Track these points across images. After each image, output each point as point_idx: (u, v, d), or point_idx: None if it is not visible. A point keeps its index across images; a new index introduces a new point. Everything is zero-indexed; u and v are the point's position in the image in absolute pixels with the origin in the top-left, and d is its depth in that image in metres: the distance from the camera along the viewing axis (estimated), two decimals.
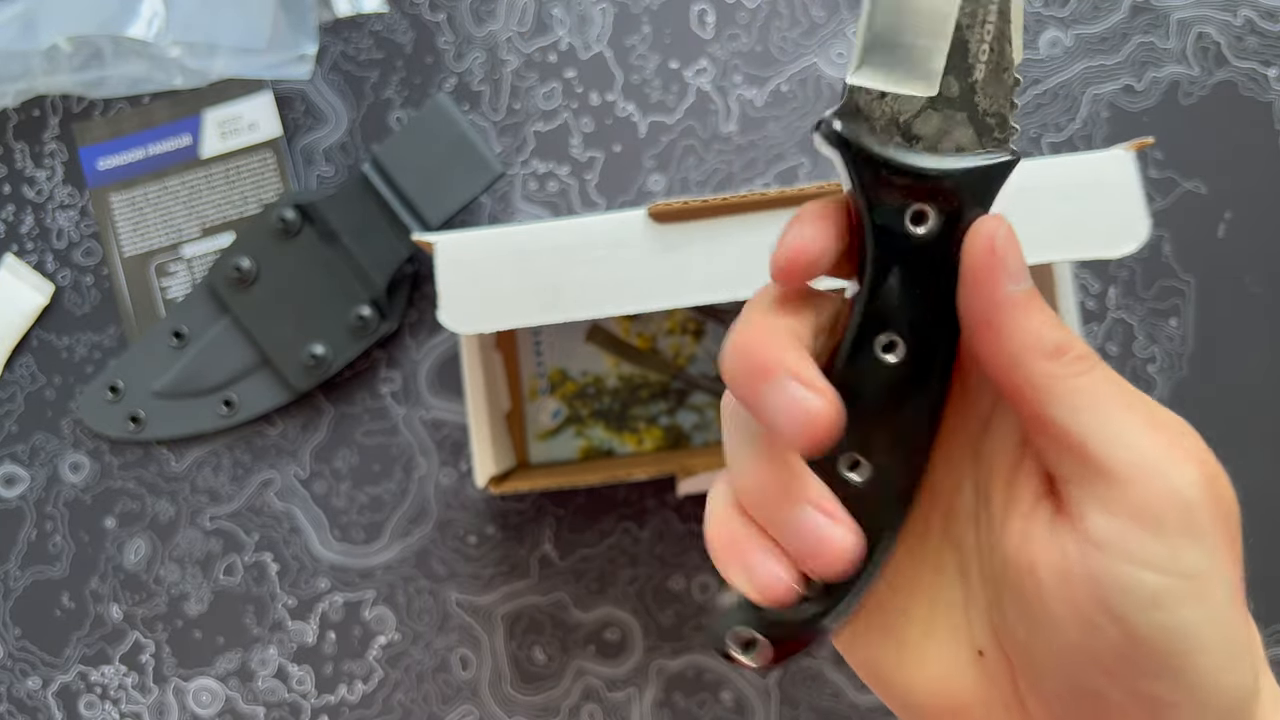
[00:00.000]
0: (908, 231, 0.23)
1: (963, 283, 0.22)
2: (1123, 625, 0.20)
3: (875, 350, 0.23)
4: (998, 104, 0.23)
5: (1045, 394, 0.22)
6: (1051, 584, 0.21)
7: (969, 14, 0.23)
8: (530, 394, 0.56)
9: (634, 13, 0.56)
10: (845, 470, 0.23)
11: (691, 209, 0.41)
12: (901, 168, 0.22)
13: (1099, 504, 0.21)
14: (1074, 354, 0.22)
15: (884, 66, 0.23)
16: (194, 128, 0.56)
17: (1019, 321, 0.22)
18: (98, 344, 0.57)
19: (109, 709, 0.55)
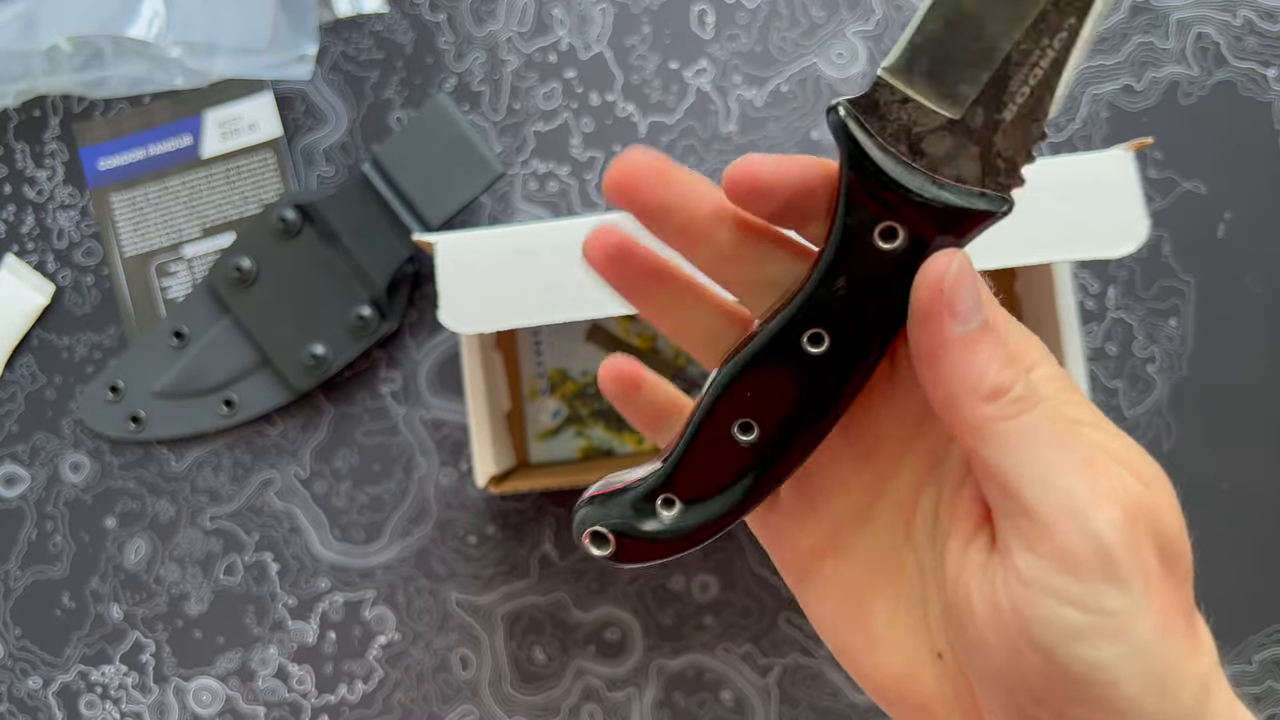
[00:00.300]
0: (873, 242, 0.22)
1: (911, 314, 0.23)
2: (1046, 656, 0.21)
3: (801, 338, 0.23)
4: (1014, 150, 0.22)
5: (978, 434, 0.22)
6: (983, 612, 0.22)
7: (1023, 52, 0.22)
8: (530, 394, 0.56)
9: (634, 13, 0.56)
10: (736, 430, 0.24)
11: None
12: (894, 184, 0.22)
13: (1024, 542, 0.22)
14: (1012, 396, 0.22)
15: (919, 73, 0.22)
16: (194, 128, 0.56)
17: (958, 362, 0.22)
18: (98, 344, 0.57)
19: (109, 709, 0.55)
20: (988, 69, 0.22)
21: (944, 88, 0.22)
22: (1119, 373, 0.54)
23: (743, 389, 0.24)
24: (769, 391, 0.24)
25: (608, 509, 0.25)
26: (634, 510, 0.25)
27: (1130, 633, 0.21)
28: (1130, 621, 0.21)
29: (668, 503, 0.25)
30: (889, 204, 0.22)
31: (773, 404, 0.24)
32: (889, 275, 0.23)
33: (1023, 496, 0.22)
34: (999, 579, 0.22)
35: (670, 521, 0.25)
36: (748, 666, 0.54)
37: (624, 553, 0.25)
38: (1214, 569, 0.53)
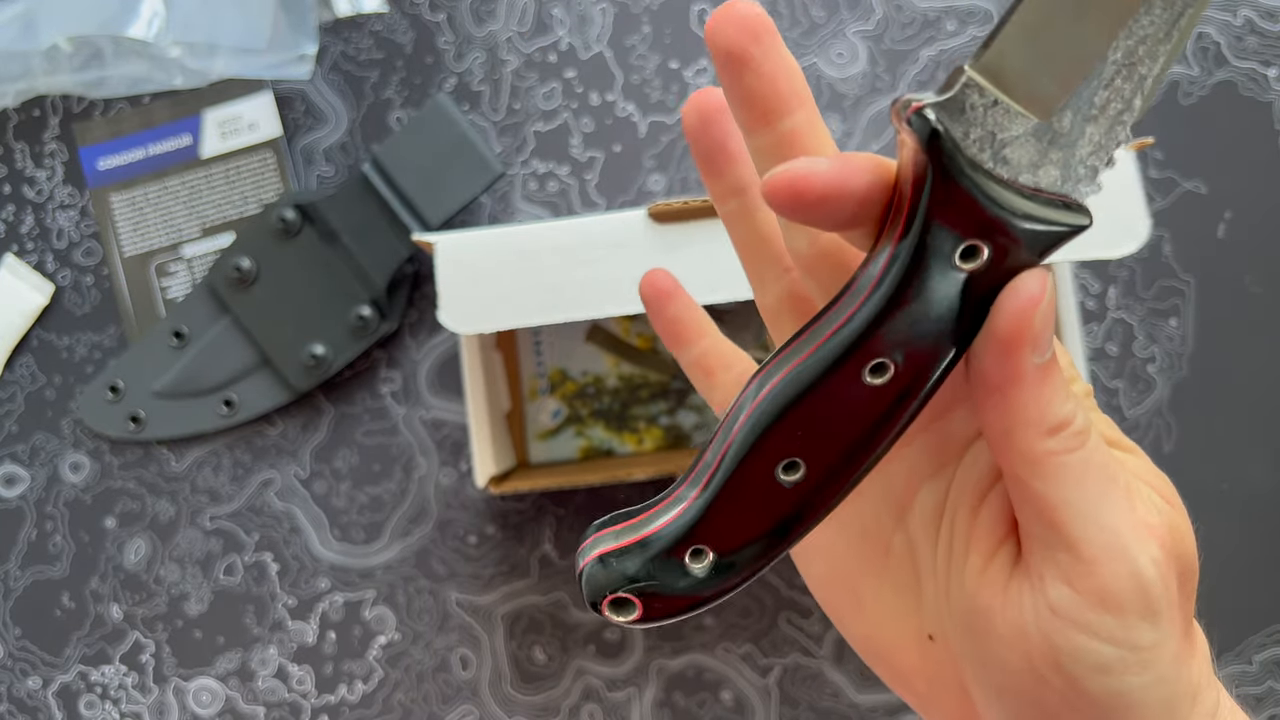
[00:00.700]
0: (954, 262, 0.20)
1: (984, 339, 0.21)
2: (1070, 683, 0.21)
3: (862, 370, 0.21)
4: (1097, 157, 0.21)
5: (1033, 468, 0.21)
6: (1006, 633, 0.22)
7: (1120, 62, 0.20)
8: (530, 394, 0.56)
9: (634, 13, 0.56)
10: (780, 471, 0.21)
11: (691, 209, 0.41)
12: (988, 201, 0.20)
13: (1063, 576, 0.21)
14: (1071, 430, 0.21)
15: (1013, 72, 0.20)
16: (194, 128, 0.56)
17: (1029, 395, 0.21)
18: (98, 344, 0.57)
19: (109, 709, 0.55)
20: (1083, 76, 0.20)
21: (1037, 90, 0.20)
22: (1119, 373, 0.54)
23: (790, 425, 0.21)
24: (820, 428, 0.21)
25: (626, 565, 0.21)
26: (659, 566, 0.22)
27: (1156, 665, 0.21)
28: (1157, 654, 0.21)
29: (697, 554, 0.22)
30: (978, 222, 0.20)
31: (825, 442, 0.21)
32: (963, 297, 0.20)
33: (1069, 532, 0.21)
34: (1028, 605, 0.22)
35: (703, 575, 0.22)
36: (748, 666, 0.54)
37: (651, 614, 0.22)
38: (1214, 569, 0.53)
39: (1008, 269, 0.20)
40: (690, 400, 0.55)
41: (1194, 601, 0.23)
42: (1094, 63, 0.20)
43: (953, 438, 0.24)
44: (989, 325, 0.21)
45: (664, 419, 0.56)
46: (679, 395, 0.56)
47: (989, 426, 0.22)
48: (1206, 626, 0.25)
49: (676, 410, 0.56)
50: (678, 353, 0.30)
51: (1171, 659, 0.21)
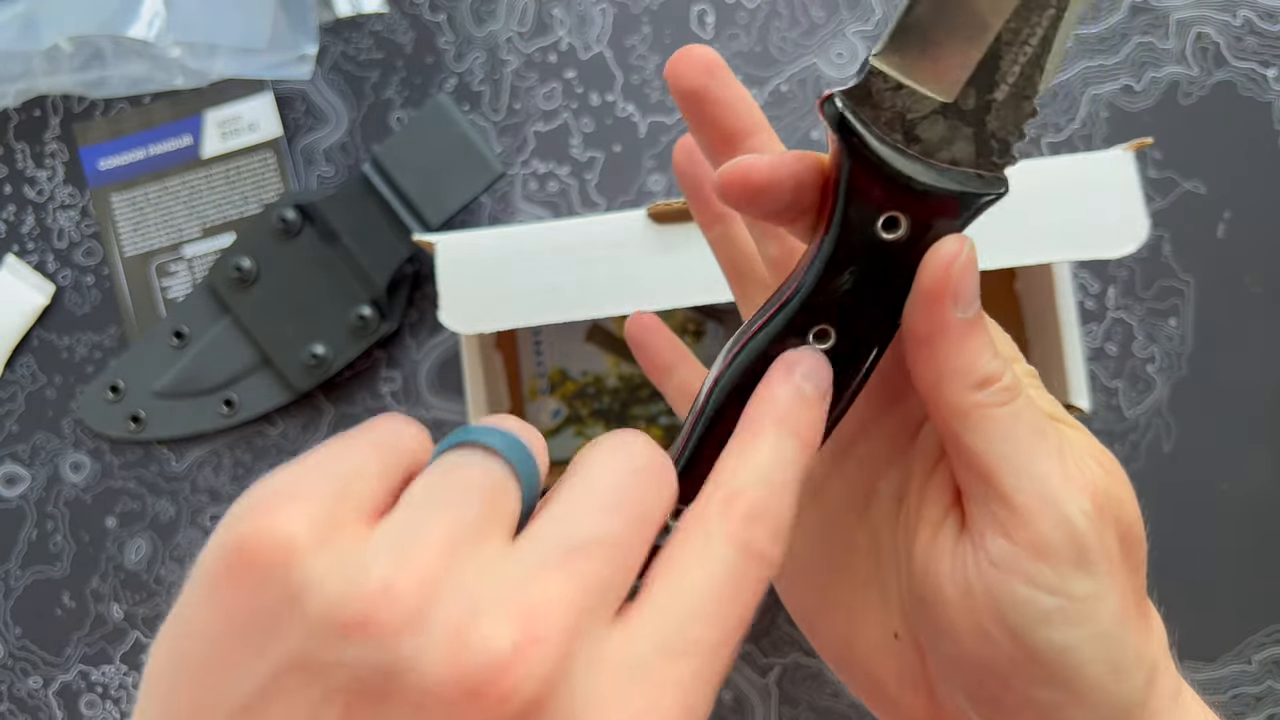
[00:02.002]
0: (876, 234, 0.22)
1: (912, 297, 0.22)
2: (1015, 639, 0.22)
3: (807, 335, 0.23)
4: (1007, 129, 0.22)
5: (963, 420, 0.22)
6: (953, 595, 0.23)
7: (1012, 30, 0.22)
8: (530, 394, 0.56)
9: (634, 13, 0.56)
10: None
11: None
12: (896, 174, 0.22)
13: (999, 528, 0.22)
14: (1000, 385, 0.22)
15: (911, 58, 0.22)
16: (194, 128, 0.56)
17: (954, 347, 0.22)
18: (98, 344, 0.57)
19: (110, 708, 0.55)
20: (979, 49, 0.22)
21: (936, 71, 0.22)
22: (1119, 373, 0.54)
23: (748, 392, 0.23)
24: None
25: None
26: None
27: (1095, 617, 0.22)
28: (1095, 606, 0.22)
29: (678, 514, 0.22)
30: (891, 194, 0.22)
31: None
32: (891, 266, 0.22)
33: (1001, 483, 0.22)
34: (970, 562, 0.22)
35: None
36: (748, 666, 0.54)
37: None
38: (1214, 569, 0.53)
39: (933, 238, 0.22)
40: None
41: (1144, 575, 0.23)
42: (987, 41, 0.22)
43: (909, 424, 0.25)
44: (914, 283, 0.22)
45: (664, 419, 0.56)
46: None
47: (921, 382, 0.23)
48: (1206, 626, 0.25)
49: None
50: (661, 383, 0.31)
51: (1114, 616, 0.22)
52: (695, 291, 0.41)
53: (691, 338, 0.56)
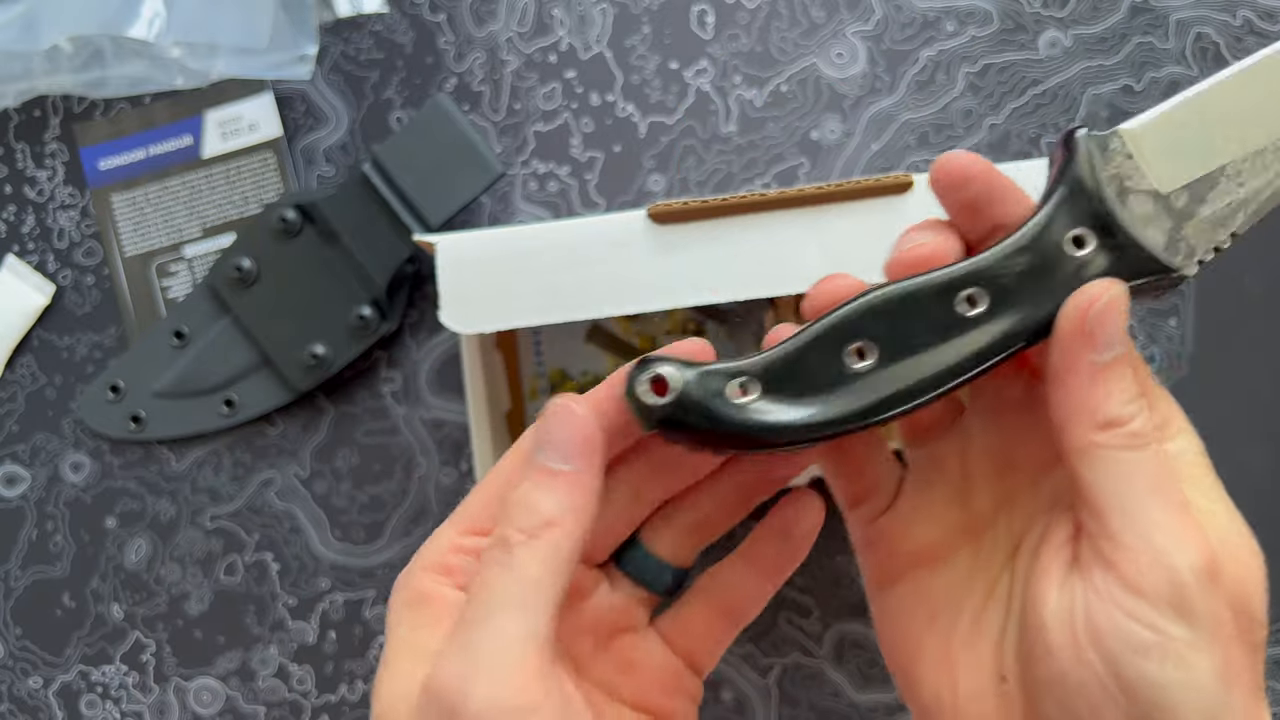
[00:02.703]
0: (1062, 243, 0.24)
1: (1055, 330, 0.24)
2: (1111, 665, 0.22)
3: (958, 294, 0.24)
4: (1198, 243, 0.25)
5: (1081, 456, 0.23)
6: (1055, 616, 0.23)
7: (1238, 171, 0.25)
8: (530, 394, 0.56)
9: (634, 13, 0.56)
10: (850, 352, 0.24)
11: (691, 209, 0.41)
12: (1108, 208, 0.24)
13: (1103, 561, 0.23)
14: (1127, 430, 0.23)
15: (1151, 145, 0.25)
16: (195, 128, 0.56)
17: (1085, 389, 0.23)
18: (98, 344, 0.57)
19: (110, 708, 0.55)
20: (1205, 167, 0.25)
21: (1165, 165, 0.25)
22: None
23: (880, 317, 0.24)
24: (904, 330, 0.24)
25: (672, 365, 0.23)
26: (708, 376, 0.23)
27: (1193, 665, 0.22)
28: (1194, 655, 0.22)
29: (746, 387, 0.24)
30: (1093, 221, 0.24)
31: (901, 345, 0.24)
32: (1059, 280, 0.24)
33: (1109, 522, 0.23)
34: (1077, 589, 0.23)
35: (743, 405, 0.23)
36: (748, 666, 0.54)
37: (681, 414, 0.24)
38: None
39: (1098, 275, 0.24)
40: None
41: (1261, 663, 0.23)
42: (1213, 166, 0.25)
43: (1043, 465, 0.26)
44: (1058, 322, 0.24)
45: None
46: None
47: (1052, 414, 0.24)
48: None
49: None
50: None
51: (1214, 673, 0.22)
52: (695, 291, 0.41)
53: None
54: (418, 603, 0.24)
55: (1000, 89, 0.55)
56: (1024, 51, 0.55)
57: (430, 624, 0.24)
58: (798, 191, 0.41)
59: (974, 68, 0.55)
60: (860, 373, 0.24)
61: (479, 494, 0.26)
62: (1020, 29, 0.55)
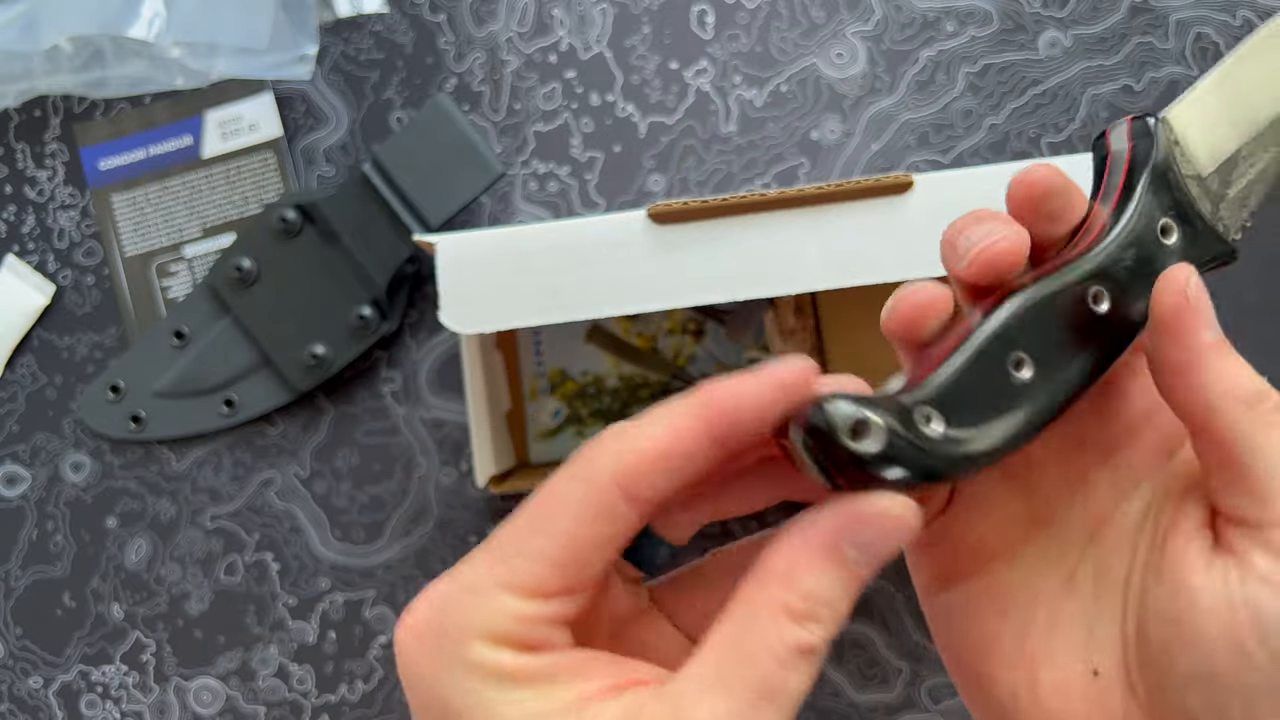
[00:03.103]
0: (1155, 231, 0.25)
1: (1157, 324, 0.23)
2: (1275, 657, 0.21)
3: (1088, 293, 0.24)
4: (1230, 222, 0.26)
5: (1240, 440, 0.22)
6: (1208, 606, 0.22)
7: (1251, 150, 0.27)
8: (531, 394, 0.56)
9: (634, 13, 0.56)
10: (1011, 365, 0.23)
11: (691, 209, 0.41)
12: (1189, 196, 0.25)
13: (1268, 548, 0.22)
14: (1271, 403, 0.22)
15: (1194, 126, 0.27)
16: (195, 128, 0.56)
17: (1217, 368, 0.22)
18: (99, 344, 0.57)
19: (110, 708, 0.55)
20: (1229, 149, 0.27)
21: (1203, 148, 0.26)
22: None
23: (1028, 325, 0.23)
24: (1052, 335, 0.24)
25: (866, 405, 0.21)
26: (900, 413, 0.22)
27: None
28: None
29: (928, 418, 0.22)
30: (1175, 209, 0.25)
31: (1053, 349, 0.24)
32: (1159, 270, 0.24)
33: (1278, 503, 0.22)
34: (1234, 578, 0.22)
35: (940, 438, 0.22)
36: None
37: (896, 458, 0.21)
38: None
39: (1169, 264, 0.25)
40: None
41: None
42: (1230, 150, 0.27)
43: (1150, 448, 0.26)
44: (1154, 316, 0.23)
45: None
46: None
47: (1189, 415, 0.23)
48: None
49: None
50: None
51: None
52: (695, 291, 0.41)
53: (692, 337, 0.56)
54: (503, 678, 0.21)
55: (1000, 89, 0.55)
56: (1024, 51, 0.55)
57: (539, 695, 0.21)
58: (798, 191, 0.41)
59: (974, 68, 0.55)
60: (1024, 384, 0.23)
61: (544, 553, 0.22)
62: (1020, 29, 0.55)
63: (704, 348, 0.56)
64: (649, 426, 0.22)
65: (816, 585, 0.21)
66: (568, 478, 0.22)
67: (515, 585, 0.21)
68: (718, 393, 0.22)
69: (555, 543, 0.21)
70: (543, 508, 0.22)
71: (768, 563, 0.21)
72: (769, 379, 0.22)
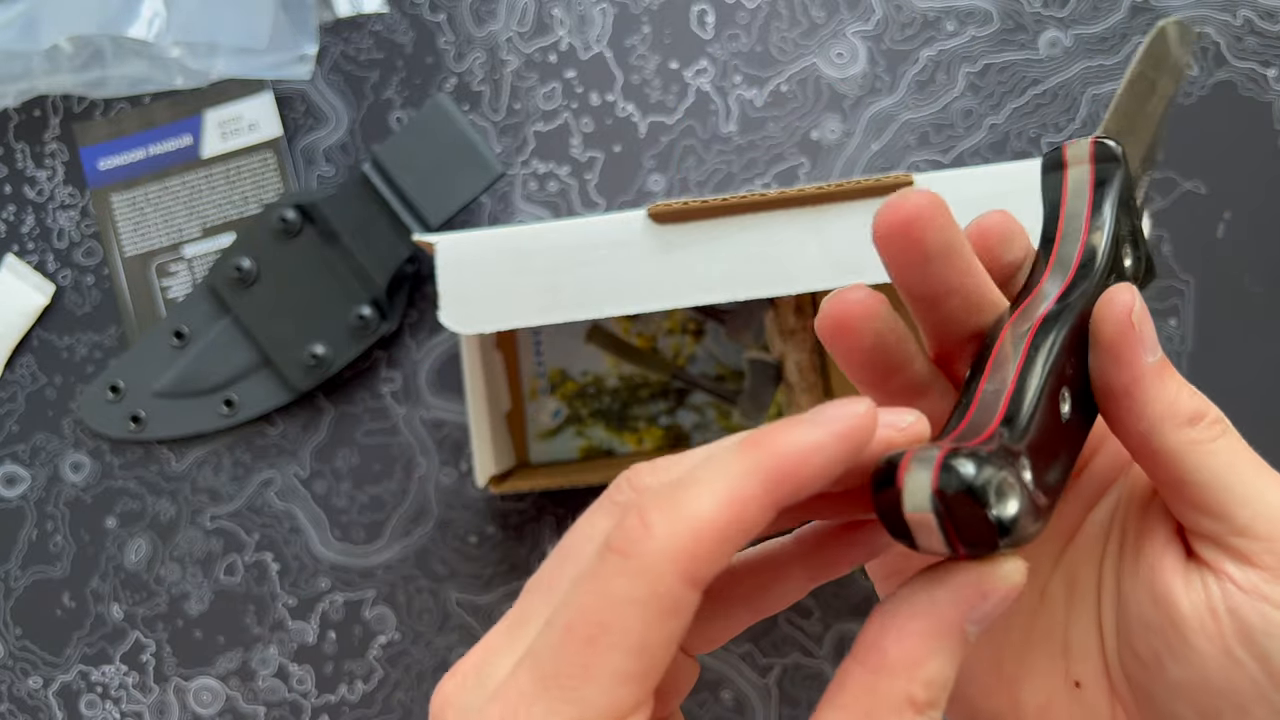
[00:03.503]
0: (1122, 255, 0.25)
1: (1098, 350, 0.23)
2: (1264, 661, 0.21)
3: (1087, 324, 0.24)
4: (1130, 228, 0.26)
5: (1182, 460, 0.22)
6: (1194, 618, 0.22)
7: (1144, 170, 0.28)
8: (530, 394, 0.56)
9: (634, 13, 0.56)
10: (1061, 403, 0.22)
11: (691, 209, 0.41)
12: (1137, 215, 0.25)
13: (1239, 558, 0.22)
14: (1209, 419, 0.22)
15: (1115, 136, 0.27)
16: (195, 128, 0.56)
17: (1156, 391, 0.22)
18: (98, 344, 0.57)
19: (110, 708, 0.55)
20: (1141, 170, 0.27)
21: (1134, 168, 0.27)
22: None
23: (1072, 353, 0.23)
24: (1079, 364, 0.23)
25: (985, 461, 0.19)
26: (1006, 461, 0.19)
27: None
28: None
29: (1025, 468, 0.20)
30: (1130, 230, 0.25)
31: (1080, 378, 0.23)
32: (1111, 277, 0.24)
33: (1234, 517, 0.22)
34: (1214, 589, 0.22)
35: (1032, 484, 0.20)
36: (748, 666, 0.54)
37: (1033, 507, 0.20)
38: None
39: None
40: (690, 400, 0.56)
41: None
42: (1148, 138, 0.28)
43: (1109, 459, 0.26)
44: (1095, 337, 0.23)
45: (664, 419, 0.56)
46: (679, 395, 0.56)
47: (1129, 436, 0.23)
48: None
49: (676, 410, 0.56)
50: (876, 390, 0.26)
51: None
52: (695, 291, 0.41)
53: (692, 337, 0.56)
54: None
55: (1000, 89, 0.55)
56: (1024, 51, 0.55)
57: None
58: (798, 191, 0.41)
59: (974, 67, 0.55)
60: (1068, 417, 0.22)
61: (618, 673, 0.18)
62: (1020, 29, 0.55)
63: (704, 348, 0.56)
64: (704, 496, 0.18)
65: (940, 672, 0.19)
66: (623, 575, 0.18)
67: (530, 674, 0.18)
68: (779, 448, 0.19)
69: (630, 658, 0.18)
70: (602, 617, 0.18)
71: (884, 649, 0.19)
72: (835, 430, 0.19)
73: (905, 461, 0.19)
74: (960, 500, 0.18)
